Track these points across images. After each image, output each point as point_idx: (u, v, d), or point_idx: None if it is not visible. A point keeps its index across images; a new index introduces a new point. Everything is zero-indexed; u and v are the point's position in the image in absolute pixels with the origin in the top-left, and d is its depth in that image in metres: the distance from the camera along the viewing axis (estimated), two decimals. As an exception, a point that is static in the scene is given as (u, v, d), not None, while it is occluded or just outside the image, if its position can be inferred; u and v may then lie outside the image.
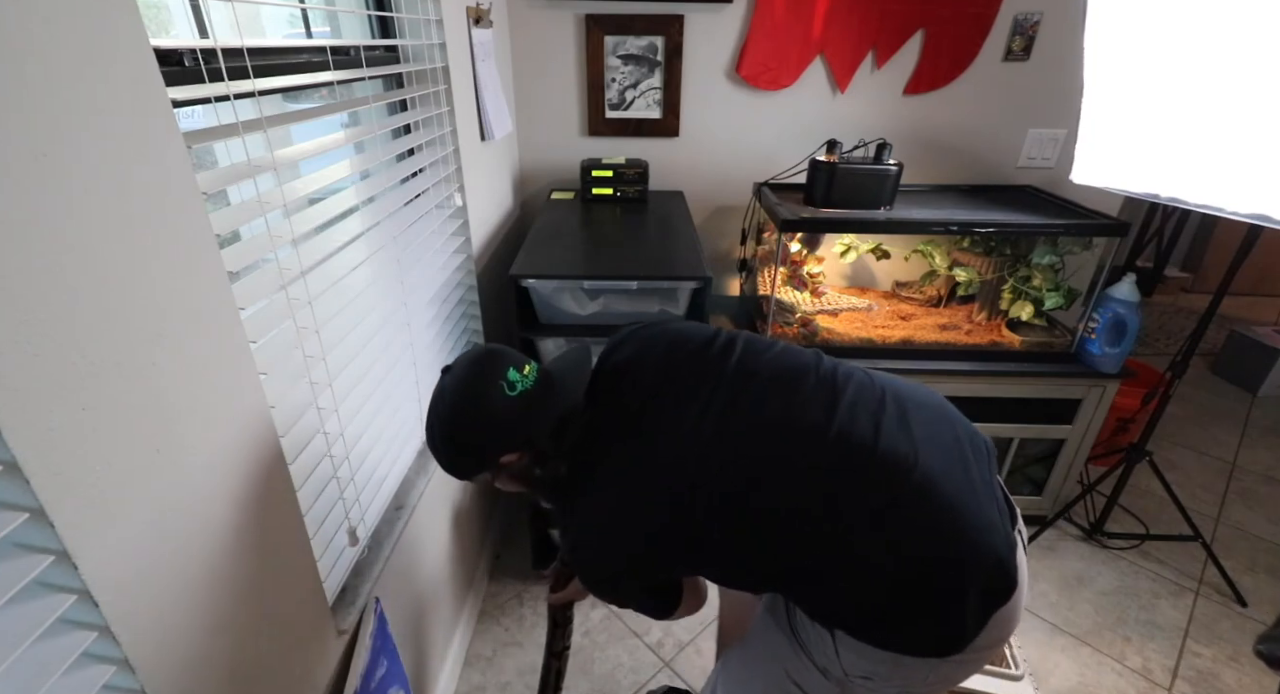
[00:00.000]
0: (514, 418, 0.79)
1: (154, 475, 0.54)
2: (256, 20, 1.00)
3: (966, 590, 0.73)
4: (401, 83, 1.21)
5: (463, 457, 0.83)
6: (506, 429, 0.80)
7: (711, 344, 0.88)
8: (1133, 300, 1.64)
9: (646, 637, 1.63)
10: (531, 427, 0.80)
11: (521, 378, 0.80)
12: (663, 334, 0.91)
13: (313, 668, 0.82)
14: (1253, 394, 2.74)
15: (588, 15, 1.81)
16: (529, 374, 0.81)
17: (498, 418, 0.79)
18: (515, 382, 0.80)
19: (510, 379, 0.79)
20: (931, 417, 0.82)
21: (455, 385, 0.80)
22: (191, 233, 0.57)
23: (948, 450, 0.79)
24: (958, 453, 0.79)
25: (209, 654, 0.62)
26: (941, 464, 0.76)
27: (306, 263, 0.79)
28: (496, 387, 0.79)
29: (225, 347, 0.62)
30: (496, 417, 0.79)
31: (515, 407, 0.79)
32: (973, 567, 0.73)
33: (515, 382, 0.80)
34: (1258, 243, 1.51)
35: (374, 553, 0.99)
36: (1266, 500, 2.13)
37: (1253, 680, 1.52)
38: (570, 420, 0.83)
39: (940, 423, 0.82)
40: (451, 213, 1.38)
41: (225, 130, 0.64)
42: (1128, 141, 1.41)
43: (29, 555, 0.44)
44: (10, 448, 0.41)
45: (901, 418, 0.79)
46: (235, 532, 0.65)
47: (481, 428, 0.80)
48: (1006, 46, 1.86)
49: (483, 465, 0.83)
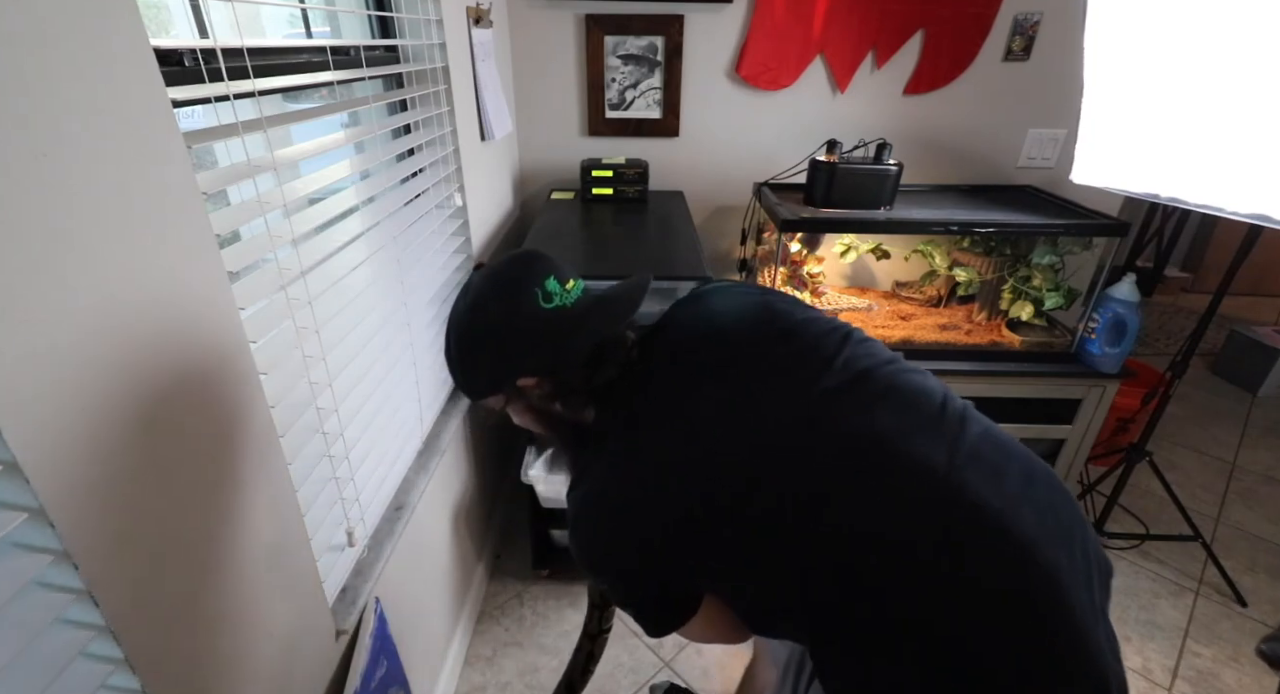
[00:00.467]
0: (541, 334, 0.68)
1: (153, 475, 0.54)
2: (256, 20, 1.00)
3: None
4: (401, 83, 1.21)
5: (476, 370, 0.73)
6: (530, 345, 0.69)
7: (814, 325, 0.73)
8: (1133, 300, 1.64)
9: (646, 636, 1.63)
10: (560, 349, 0.69)
11: (562, 291, 0.70)
12: (762, 302, 0.77)
13: (313, 668, 0.82)
14: (1253, 394, 2.74)
15: (588, 15, 1.81)
16: (571, 289, 0.71)
17: (522, 329, 0.69)
18: (553, 293, 0.69)
19: (548, 288, 0.69)
20: (1059, 502, 0.65)
21: (483, 284, 0.71)
22: (191, 233, 0.57)
23: (1073, 556, 0.62)
24: (1084, 563, 0.63)
25: (209, 654, 0.62)
26: (1066, 563, 0.60)
27: (306, 263, 0.79)
28: (530, 293, 0.69)
29: (225, 346, 0.62)
30: (521, 327, 0.68)
31: (546, 321, 0.68)
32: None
33: (553, 293, 0.69)
34: (1258, 243, 1.51)
35: (374, 553, 0.99)
36: (1266, 500, 2.12)
37: (1253, 680, 1.52)
38: (609, 356, 0.71)
39: (1072, 520, 0.65)
40: (451, 213, 1.38)
41: (225, 130, 0.64)
42: (1128, 141, 1.41)
43: (29, 555, 0.44)
44: (10, 448, 0.41)
45: (1027, 491, 0.63)
46: (235, 531, 0.65)
47: (502, 337, 0.69)
48: (1006, 46, 1.86)
49: (497, 384, 0.73)
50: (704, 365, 0.70)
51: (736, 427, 0.64)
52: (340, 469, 0.89)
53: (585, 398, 0.72)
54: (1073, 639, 0.57)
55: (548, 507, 1.63)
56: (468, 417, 1.50)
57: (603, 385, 0.71)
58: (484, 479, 1.71)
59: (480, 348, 0.71)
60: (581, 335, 0.70)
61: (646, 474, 0.66)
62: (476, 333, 0.71)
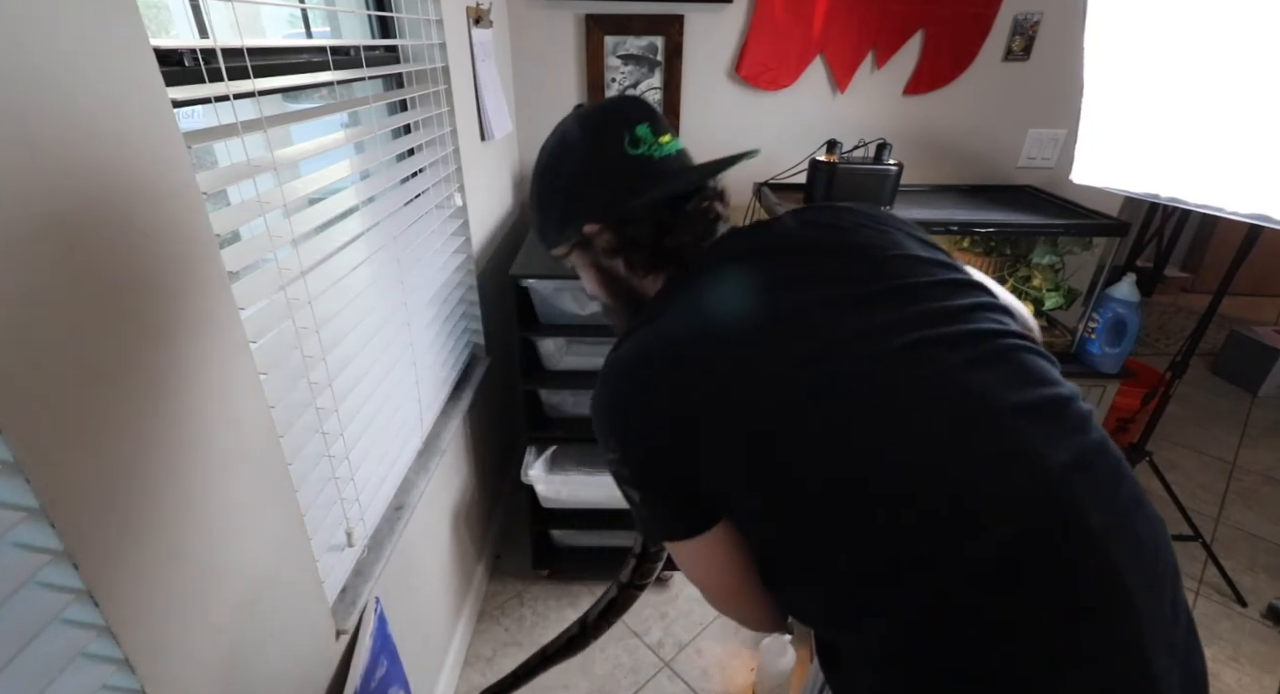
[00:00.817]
0: (617, 175, 0.66)
1: (153, 475, 0.54)
2: (256, 20, 1.00)
3: None
4: (401, 83, 1.21)
5: (550, 207, 0.71)
6: (602, 184, 0.67)
7: (941, 269, 0.65)
8: (1133, 300, 1.64)
9: (646, 636, 1.63)
10: (631, 194, 0.66)
11: (653, 142, 0.67)
12: (892, 227, 0.70)
13: (313, 668, 0.82)
14: (1253, 394, 2.74)
15: (588, 15, 1.81)
16: (664, 144, 0.68)
17: (598, 167, 0.67)
18: (642, 139, 0.67)
19: (638, 134, 0.67)
20: (1160, 537, 0.56)
21: (574, 120, 0.69)
22: (191, 233, 0.57)
23: (1160, 606, 0.53)
24: (1173, 619, 0.54)
25: (209, 654, 0.62)
26: (1154, 617, 0.51)
27: (306, 263, 0.79)
28: (617, 134, 0.67)
29: (225, 346, 0.62)
30: (598, 165, 0.67)
31: (626, 165, 0.66)
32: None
33: (642, 139, 0.67)
34: (1258, 243, 1.51)
35: (374, 553, 0.99)
36: (1266, 500, 2.12)
37: (1253, 680, 1.52)
38: (684, 220, 0.68)
39: (1168, 567, 0.56)
40: (451, 213, 1.38)
41: (225, 130, 0.64)
42: (1128, 141, 1.41)
43: (29, 555, 0.44)
44: (10, 448, 0.41)
45: (1135, 513, 0.55)
46: (234, 532, 0.65)
47: (577, 173, 0.68)
48: (1006, 46, 1.85)
49: (565, 225, 0.70)
50: (795, 272, 0.63)
51: (808, 341, 0.57)
52: (340, 469, 0.89)
53: (650, 259, 0.69)
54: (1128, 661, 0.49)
55: (548, 507, 1.63)
56: (467, 417, 1.50)
57: (672, 251, 0.68)
58: (484, 479, 1.71)
59: (556, 181, 0.70)
60: (656, 187, 0.66)
61: (689, 346, 0.59)
62: (554, 166, 0.70)
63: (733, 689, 1.51)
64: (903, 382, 0.55)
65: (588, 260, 0.73)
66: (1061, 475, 0.52)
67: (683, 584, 1.78)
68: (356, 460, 0.93)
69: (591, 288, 0.75)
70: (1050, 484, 0.51)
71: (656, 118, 0.69)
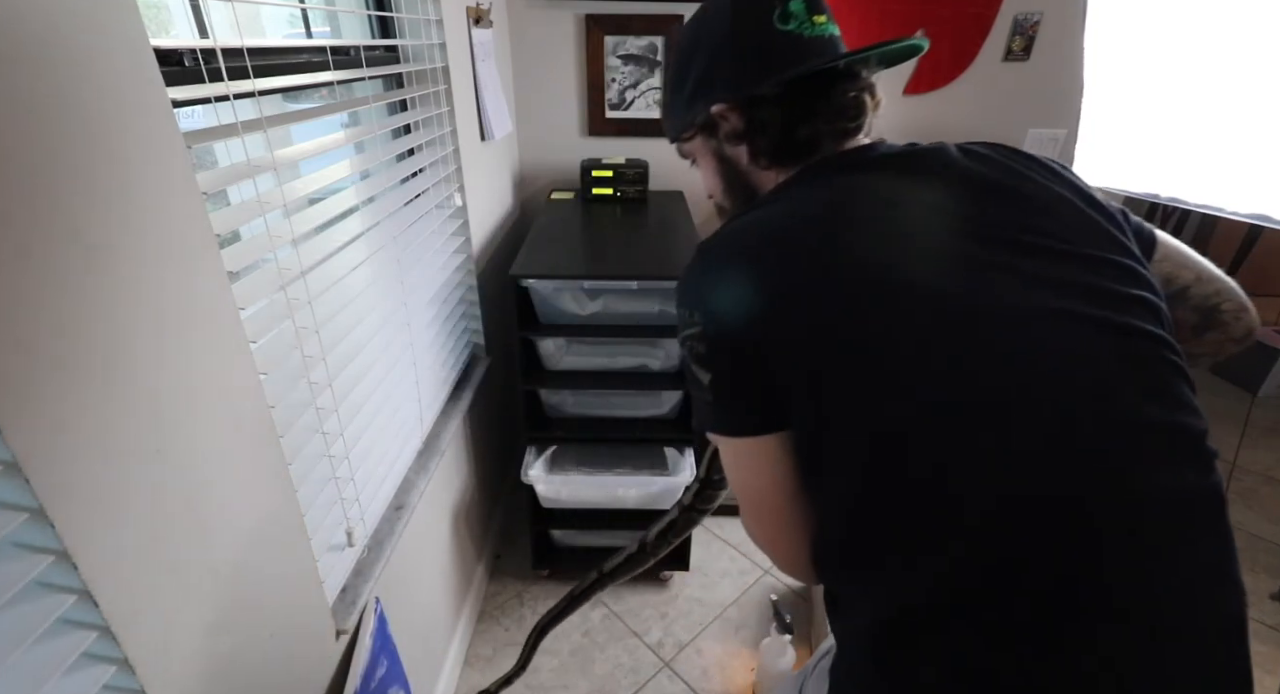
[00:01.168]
0: (759, 49, 0.62)
1: (153, 475, 0.54)
2: (256, 20, 1.00)
3: None
4: (401, 83, 1.21)
5: (682, 84, 0.67)
6: (742, 58, 0.63)
7: (1114, 247, 0.57)
8: (1133, 300, 1.64)
9: (646, 636, 1.63)
10: (771, 70, 0.61)
11: (807, 20, 0.62)
12: (1070, 186, 0.62)
13: (313, 668, 0.82)
14: (1253, 394, 2.74)
15: (588, 15, 1.81)
16: (818, 24, 0.63)
17: (742, 37, 0.63)
18: (794, 15, 0.62)
19: (790, 9, 0.62)
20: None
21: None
22: (191, 233, 0.57)
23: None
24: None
25: (209, 654, 0.62)
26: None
27: (306, 263, 0.79)
28: (769, 5, 0.62)
29: (225, 346, 0.62)
30: (743, 35, 0.63)
31: (771, 39, 0.62)
32: None
33: (794, 15, 0.62)
34: (1258, 243, 1.51)
35: (374, 553, 0.99)
36: (1266, 500, 2.12)
37: (1253, 680, 1.52)
38: (827, 110, 0.63)
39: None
40: (451, 213, 1.38)
41: (225, 130, 0.64)
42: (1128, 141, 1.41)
43: (29, 555, 0.44)
44: (10, 448, 0.41)
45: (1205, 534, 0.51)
46: (234, 532, 0.65)
47: (719, 41, 0.64)
48: (1006, 46, 1.85)
49: (694, 103, 0.66)
50: (943, 199, 0.57)
51: (936, 265, 0.53)
52: (340, 469, 0.89)
53: (777, 148, 0.64)
54: None
55: (548, 507, 1.63)
56: (467, 417, 1.50)
57: (803, 143, 0.63)
58: (484, 479, 1.71)
59: (696, 51, 0.66)
60: (797, 63, 0.61)
61: (799, 229, 0.56)
62: (694, 38, 0.66)
63: (733, 689, 1.51)
64: (1041, 340, 0.50)
65: (710, 149, 0.69)
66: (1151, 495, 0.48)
67: (682, 584, 1.78)
68: (356, 460, 0.93)
69: (709, 182, 0.72)
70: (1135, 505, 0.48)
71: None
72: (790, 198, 0.60)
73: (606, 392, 1.57)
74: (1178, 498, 0.49)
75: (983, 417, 0.49)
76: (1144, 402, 0.50)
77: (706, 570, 1.81)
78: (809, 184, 0.61)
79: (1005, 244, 0.54)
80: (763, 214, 0.59)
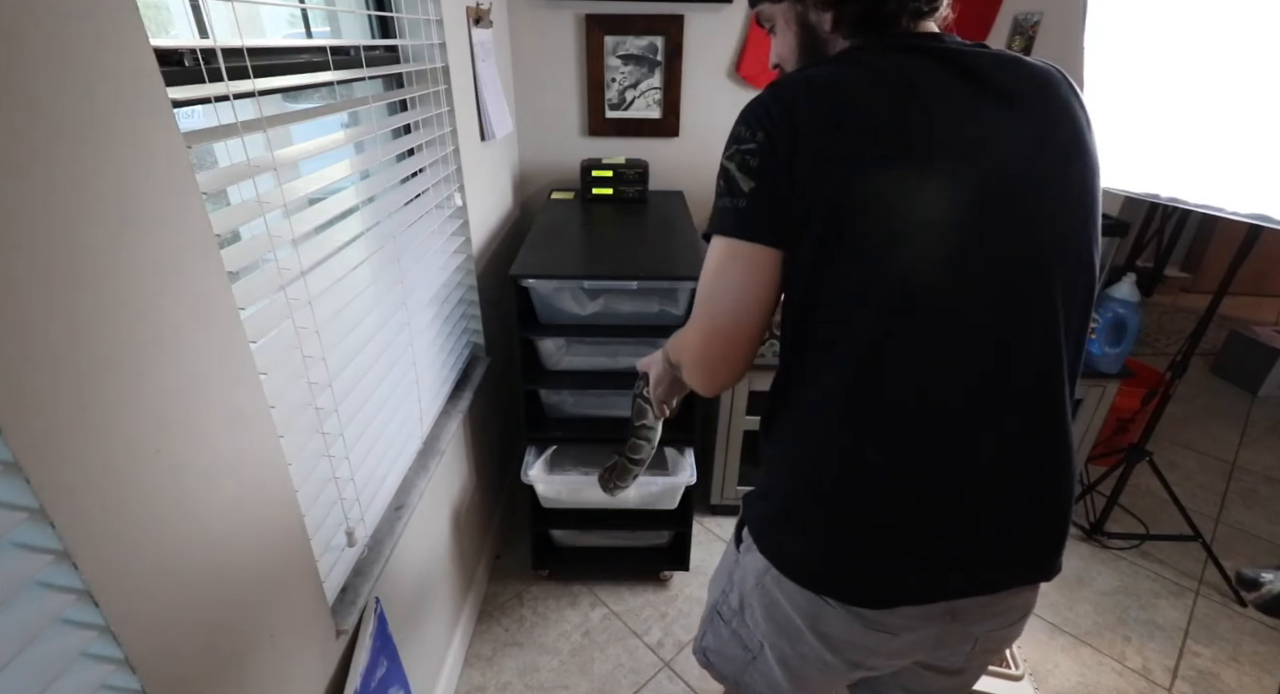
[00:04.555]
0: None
1: (153, 475, 0.54)
2: (256, 20, 1.00)
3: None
4: (401, 83, 1.21)
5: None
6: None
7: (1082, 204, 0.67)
8: (1133, 300, 1.65)
9: (646, 636, 1.63)
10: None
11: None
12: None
13: (313, 668, 0.82)
14: (1253, 394, 2.74)
15: (588, 15, 1.81)
16: None
17: None
18: None
19: None
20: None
21: None
22: (191, 233, 0.57)
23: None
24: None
25: (209, 654, 0.62)
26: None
27: (306, 263, 0.79)
28: None
29: (225, 346, 0.62)
30: None
31: None
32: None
33: None
34: (1258, 243, 1.51)
35: (374, 553, 0.99)
36: (1266, 500, 2.13)
37: (1253, 680, 1.52)
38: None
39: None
40: (451, 213, 1.38)
41: (225, 130, 0.64)
42: (1127, 141, 1.41)
43: (29, 555, 0.44)
44: (10, 448, 0.41)
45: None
46: (234, 532, 0.65)
47: None
48: (1006, 46, 1.85)
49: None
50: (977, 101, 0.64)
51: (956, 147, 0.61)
52: (340, 469, 0.89)
53: (861, 18, 0.69)
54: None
55: (548, 507, 1.63)
56: (467, 417, 1.50)
57: (885, 18, 0.68)
58: (484, 479, 1.71)
59: None
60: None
61: (855, 83, 0.63)
62: None
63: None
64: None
65: (795, 14, 0.73)
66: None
67: (682, 585, 1.78)
68: (356, 460, 0.93)
69: (783, 48, 0.78)
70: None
71: None
72: (859, 62, 0.65)
73: (606, 392, 1.57)
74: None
75: (956, 257, 0.62)
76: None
77: (706, 570, 1.81)
78: (879, 55, 0.65)
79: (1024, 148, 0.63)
80: (835, 70, 0.64)
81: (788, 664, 0.78)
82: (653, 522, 1.69)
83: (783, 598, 0.74)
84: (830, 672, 0.77)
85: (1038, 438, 0.67)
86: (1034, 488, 0.68)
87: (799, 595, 0.72)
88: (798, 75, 0.65)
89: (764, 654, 0.81)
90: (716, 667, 0.92)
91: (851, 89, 0.62)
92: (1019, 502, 0.68)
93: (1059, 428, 0.68)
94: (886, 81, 0.62)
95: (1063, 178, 0.64)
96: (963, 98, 0.63)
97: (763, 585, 0.76)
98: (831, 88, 0.63)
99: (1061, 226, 0.65)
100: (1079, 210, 0.66)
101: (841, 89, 0.62)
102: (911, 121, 0.60)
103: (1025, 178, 0.62)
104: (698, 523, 1.92)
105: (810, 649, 0.75)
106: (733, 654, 0.86)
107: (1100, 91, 1.44)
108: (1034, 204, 0.63)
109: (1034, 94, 0.65)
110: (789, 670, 0.79)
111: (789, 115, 0.62)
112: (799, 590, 0.72)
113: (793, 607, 0.73)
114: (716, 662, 0.91)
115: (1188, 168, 1.31)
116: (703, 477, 1.93)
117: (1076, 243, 0.66)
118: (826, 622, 0.72)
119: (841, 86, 0.62)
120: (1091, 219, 0.67)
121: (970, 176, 0.61)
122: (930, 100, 0.61)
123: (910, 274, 0.61)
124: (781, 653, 0.78)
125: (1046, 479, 0.69)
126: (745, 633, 0.82)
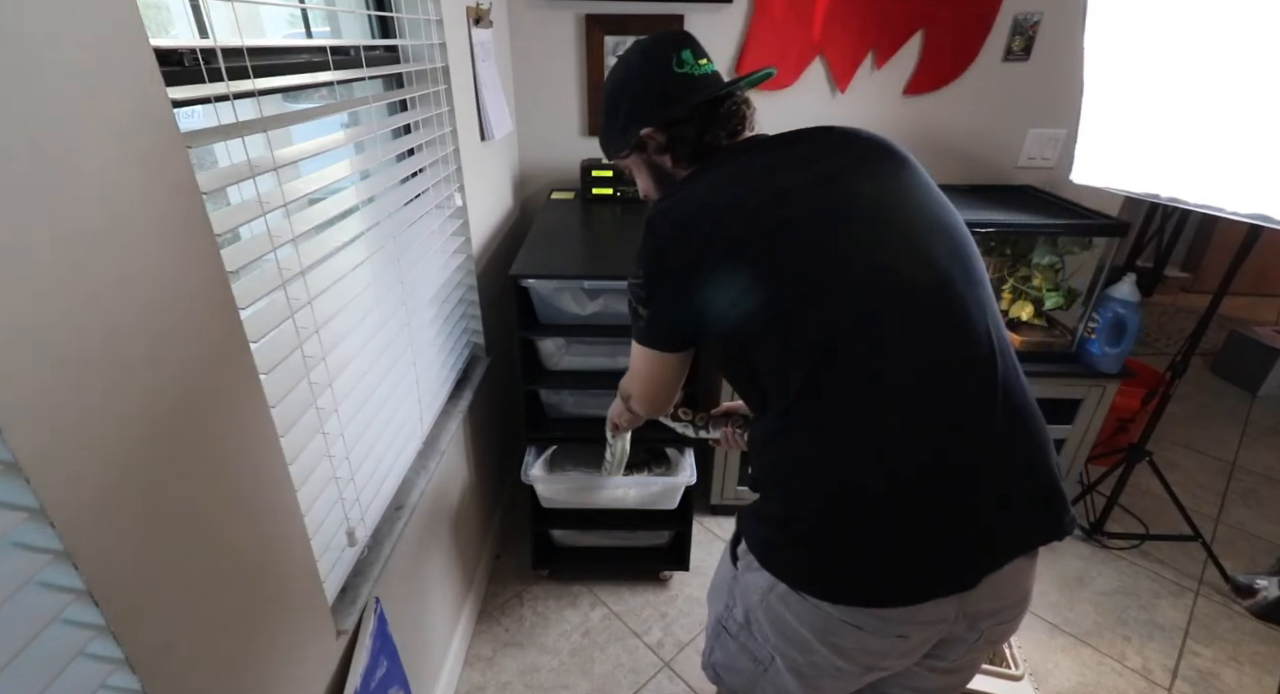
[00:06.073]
0: (667, 88, 0.85)
1: (154, 476, 0.54)
2: (256, 20, 1.00)
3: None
4: (401, 83, 1.21)
5: (615, 118, 0.89)
6: (657, 96, 0.85)
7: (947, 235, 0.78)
8: (1133, 300, 1.65)
9: (646, 636, 1.63)
10: (677, 103, 0.84)
11: (694, 63, 0.86)
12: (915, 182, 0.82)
13: (313, 668, 0.82)
14: (1253, 394, 2.74)
15: (588, 15, 1.81)
16: (703, 66, 0.87)
17: (653, 82, 0.86)
18: (686, 62, 0.85)
19: (683, 57, 0.85)
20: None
21: (634, 48, 0.88)
22: (191, 233, 0.57)
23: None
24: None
25: (209, 654, 0.62)
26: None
27: (306, 262, 0.79)
28: (668, 58, 0.85)
29: (225, 346, 0.62)
30: (652, 80, 0.86)
31: (673, 80, 0.85)
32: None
33: (686, 62, 0.85)
34: (1258, 243, 1.51)
35: (374, 553, 0.99)
36: (1266, 500, 2.13)
37: (1253, 680, 1.52)
38: (719, 123, 0.85)
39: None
40: (451, 213, 1.38)
41: (225, 130, 0.64)
42: (1128, 141, 1.41)
43: (29, 555, 0.44)
44: (10, 448, 0.41)
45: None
46: (235, 532, 0.65)
47: (637, 87, 0.87)
48: (1006, 46, 1.85)
49: (627, 131, 0.88)
50: (804, 170, 0.78)
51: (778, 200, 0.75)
52: (340, 469, 0.89)
53: (692, 152, 0.87)
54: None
55: (548, 507, 1.63)
56: (467, 417, 1.50)
57: (709, 146, 0.86)
58: (484, 479, 1.71)
59: (621, 94, 0.88)
60: (696, 95, 0.85)
61: (703, 202, 0.77)
62: (620, 82, 0.89)
63: (733, 689, 1.51)
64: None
65: (643, 160, 0.91)
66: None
67: (682, 584, 1.78)
68: (357, 460, 0.93)
69: (644, 184, 0.95)
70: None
71: (696, 46, 0.88)
72: (702, 180, 0.82)
73: (606, 392, 1.57)
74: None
75: (851, 275, 0.72)
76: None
77: (706, 570, 1.81)
78: (714, 168, 0.83)
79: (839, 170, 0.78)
80: (686, 193, 0.80)
81: (800, 673, 0.79)
82: (653, 521, 1.69)
83: (789, 615, 0.75)
84: (844, 677, 0.77)
85: (1005, 404, 0.73)
86: (1016, 455, 0.74)
87: (807, 611, 0.73)
88: (658, 208, 0.80)
89: (775, 665, 0.81)
90: (727, 682, 0.92)
91: (702, 204, 0.77)
92: (1007, 469, 0.73)
93: (1016, 385, 0.75)
94: (729, 183, 0.78)
95: (891, 177, 0.78)
96: (791, 160, 0.78)
97: (768, 602, 0.77)
98: (685, 215, 0.77)
99: (911, 204, 0.77)
100: (915, 191, 0.78)
101: (693, 211, 0.77)
102: (754, 200, 0.74)
103: (866, 193, 0.76)
104: (698, 523, 1.92)
105: (822, 658, 0.75)
106: (743, 667, 0.86)
107: (1100, 91, 1.44)
108: (881, 197, 0.76)
109: (841, 138, 0.81)
110: (802, 679, 0.79)
111: (660, 258, 0.79)
112: (806, 605, 0.73)
113: (800, 621, 0.74)
114: (727, 677, 0.91)
115: (1188, 168, 1.30)
116: (703, 476, 1.93)
117: (932, 214, 0.77)
118: (836, 634, 0.73)
119: (692, 208, 0.77)
120: (931, 196, 0.79)
121: (828, 206, 0.74)
122: (767, 175, 0.77)
123: (822, 316, 0.71)
124: (793, 662, 0.79)
125: (1021, 440, 0.74)
126: (754, 646, 0.82)
